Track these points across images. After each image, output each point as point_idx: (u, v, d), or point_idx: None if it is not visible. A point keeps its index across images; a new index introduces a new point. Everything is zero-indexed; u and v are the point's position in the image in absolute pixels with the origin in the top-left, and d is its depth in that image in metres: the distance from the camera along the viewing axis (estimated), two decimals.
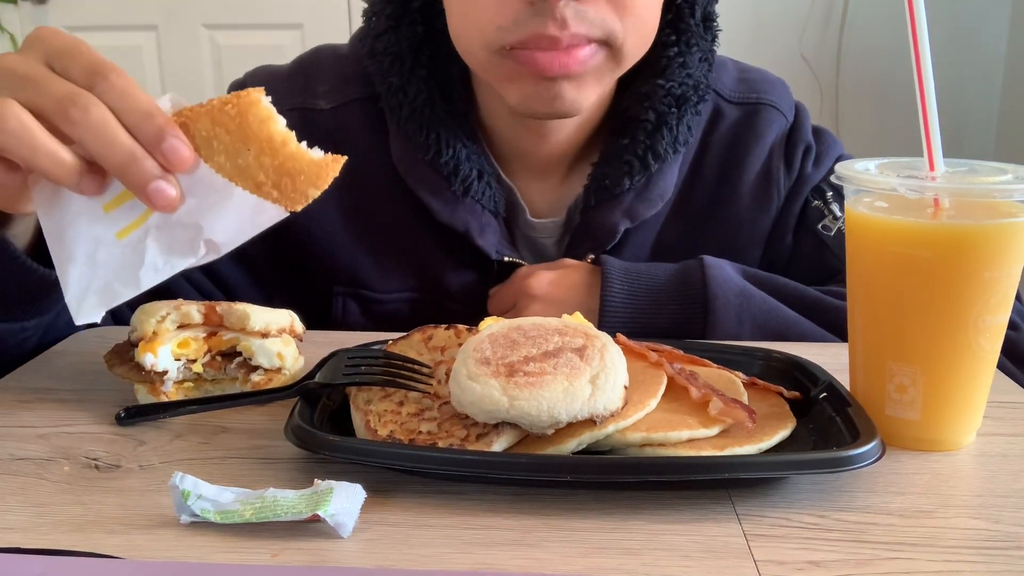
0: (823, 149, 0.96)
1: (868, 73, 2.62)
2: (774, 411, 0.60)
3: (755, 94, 0.95)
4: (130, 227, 0.54)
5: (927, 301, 0.56)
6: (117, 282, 0.54)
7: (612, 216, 0.89)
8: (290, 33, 2.66)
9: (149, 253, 0.54)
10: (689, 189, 0.94)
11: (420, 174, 0.88)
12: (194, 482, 0.49)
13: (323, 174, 0.52)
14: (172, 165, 0.52)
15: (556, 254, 0.94)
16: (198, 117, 0.52)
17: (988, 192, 0.56)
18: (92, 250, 0.54)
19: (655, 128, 0.88)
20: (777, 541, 0.48)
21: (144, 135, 0.52)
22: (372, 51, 0.88)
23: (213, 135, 0.52)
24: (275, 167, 0.51)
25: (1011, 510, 0.52)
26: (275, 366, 0.67)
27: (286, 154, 0.51)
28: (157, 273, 0.54)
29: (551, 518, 0.50)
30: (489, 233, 0.89)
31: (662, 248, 0.93)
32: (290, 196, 0.52)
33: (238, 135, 0.51)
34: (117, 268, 0.54)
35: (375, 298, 0.93)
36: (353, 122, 0.91)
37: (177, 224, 0.54)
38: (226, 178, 0.52)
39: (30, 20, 2.68)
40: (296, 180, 0.52)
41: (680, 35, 0.88)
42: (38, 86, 0.53)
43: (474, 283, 0.92)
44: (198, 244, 0.54)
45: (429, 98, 0.86)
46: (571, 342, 0.56)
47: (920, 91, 0.57)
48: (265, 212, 0.53)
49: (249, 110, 0.51)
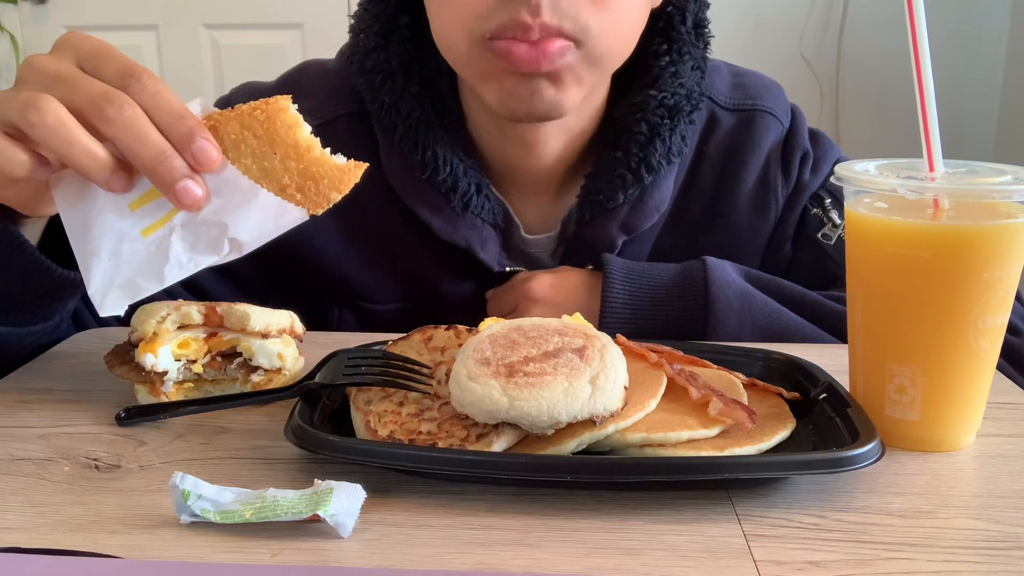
0: (820, 155, 0.94)
1: (868, 74, 2.62)
2: (774, 412, 0.60)
3: (750, 100, 0.94)
4: (155, 225, 0.56)
5: (927, 302, 0.56)
6: (141, 277, 0.55)
7: (608, 229, 0.88)
8: (290, 33, 2.66)
9: (174, 250, 0.55)
10: (685, 198, 0.93)
11: (417, 192, 0.87)
12: (194, 482, 0.49)
13: (345, 179, 0.55)
14: (200, 165, 0.54)
15: (551, 265, 0.93)
16: (227, 121, 0.55)
17: (988, 193, 0.56)
18: (116, 245, 0.56)
19: (648, 140, 0.86)
20: (777, 541, 0.48)
21: (175, 135, 0.54)
22: (362, 68, 0.86)
23: (241, 138, 0.54)
24: (300, 171, 0.54)
25: (1011, 510, 0.52)
26: (275, 366, 0.67)
27: (311, 159, 0.54)
28: (182, 270, 0.55)
29: (551, 518, 0.51)
30: (490, 246, 0.89)
31: (658, 256, 0.93)
32: (313, 199, 0.55)
33: (265, 139, 0.54)
34: (141, 263, 0.56)
35: (371, 309, 0.93)
36: (341, 139, 0.89)
37: (203, 223, 0.56)
38: (252, 180, 0.55)
39: (30, 20, 2.68)
40: (319, 184, 0.54)
41: (672, 44, 0.87)
42: (72, 85, 0.55)
43: (472, 294, 0.92)
44: (222, 242, 0.55)
45: (423, 116, 0.85)
46: (571, 342, 0.56)
47: (920, 92, 0.57)
48: (288, 214, 0.55)
49: (277, 115, 0.54)
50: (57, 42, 0.58)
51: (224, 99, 0.93)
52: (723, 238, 0.93)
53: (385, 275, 0.92)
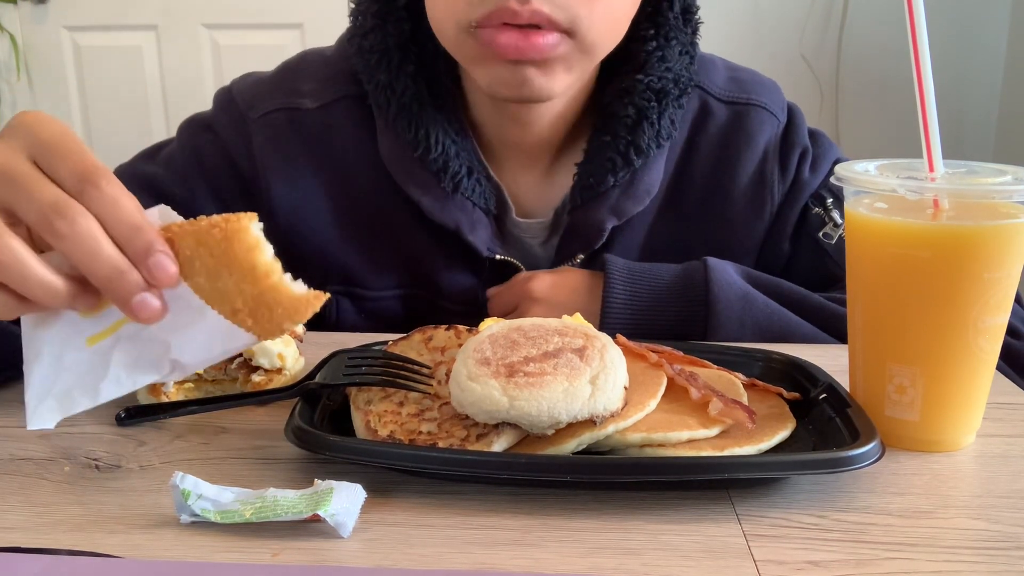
0: (819, 152, 0.94)
1: (868, 73, 2.62)
2: (774, 412, 0.60)
3: (745, 94, 0.94)
4: (102, 334, 0.52)
5: (927, 302, 0.56)
6: (77, 390, 0.51)
7: (598, 213, 0.89)
8: (290, 33, 2.66)
9: (114, 365, 0.52)
10: (677, 187, 0.93)
11: (409, 171, 0.88)
12: (194, 482, 0.49)
13: (302, 309, 0.50)
14: (157, 281, 0.49)
15: (542, 255, 0.94)
16: (184, 235, 0.50)
17: (988, 193, 0.56)
18: (60, 352, 0.52)
19: (635, 123, 0.87)
20: (777, 541, 0.48)
21: (132, 249, 0.49)
22: (360, 48, 0.88)
23: (196, 255, 0.50)
24: (254, 296, 0.49)
25: (1011, 510, 0.52)
26: (276, 366, 0.67)
27: (267, 285, 0.49)
28: (119, 386, 0.51)
29: (551, 518, 0.51)
30: (480, 230, 0.89)
31: (652, 248, 0.93)
32: (265, 327, 0.50)
33: (222, 259, 0.49)
34: (82, 375, 0.52)
35: (368, 295, 0.93)
36: (340, 120, 0.91)
37: (148, 339, 0.52)
38: (203, 299, 0.50)
39: (30, 20, 2.68)
40: (274, 312, 0.49)
41: (659, 28, 0.88)
42: (22, 192, 0.49)
43: (466, 281, 0.92)
44: (164, 362, 0.51)
45: (417, 94, 0.87)
46: (571, 342, 0.56)
47: (920, 92, 0.57)
48: (237, 339, 0.50)
49: (236, 236, 0.49)
50: (13, 123, 0.52)
51: (224, 90, 0.94)
52: (718, 231, 0.94)
53: (380, 259, 0.92)
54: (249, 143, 0.90)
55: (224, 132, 0.91)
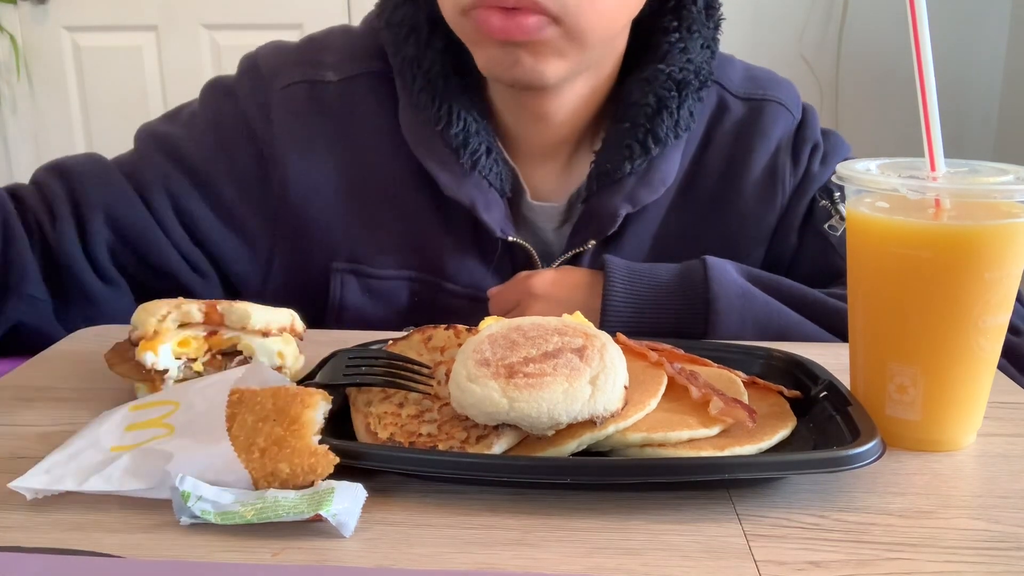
0: (831, 148, 0.96)
1: (868, 73, 2.62)
2: (774, 410, 0.60)
3: (761, 91, 0.96)
4: (128, 447, 0.54)
5: (928, 301, 0.56)
6: (70, 474, 0.52)
7: (613, 200, 0.89)
8: (290, 33, 2.62)
9: (112, 465, 0.52)
10: (692, 179, 0.94)
11: (429, 145, 0.89)
12: (194, 483, 0.49)
13: (307, 456, 0.51)
14: None
15: (554, 240, 0.95)
16: (262, 394, 0.55)
17: (989, 193, 0.56)
18: (82, 448, 0.54)
19: (655, 112, 0.88)
20: (777, 541, 0.48)
21: None
22: (389, 22, 0.89)
23: (259, 400, 0.55)
24: (277, 437, 0.52)
25: (1011, 510, 0.52)
26: (275, 365, 0.67)
27: (294, 430, 0.52)
28: (107, 484, 0.51)
29: (551, 518, 0.50)
30: (495, 210, 0.90)
31: (664, 239, 0.94)
32: (266, 465, 0.51)
33: (276, 409, 0.54)
34: (83, 465, 0.53)
35: (374, 275, 0.93)
36: (361, 95, 0.92)
37: (157, 449, 0.53)
38: (228, 430, 0.53)
39: (30, 20, 2.68)
40: (282, 450, 0.51)
41: (682, 21, 0.90)
42: None
43: (475, 265, 0.92)
44: (157, 473, 0.51)
45: (442, 70, 0.88)
46: (571, 342, 0.56)
47: (921, 91, 0.57)
48: (232, 474, 0.51)
49: (303, 397, 0.54)
50: None
51: (250, 56, 0.95)
52: (729, 223, 0.94)
53: (390, 239, 0.93)
54: (268, 113, 0.91)
55: (245, 99, 0.92)
